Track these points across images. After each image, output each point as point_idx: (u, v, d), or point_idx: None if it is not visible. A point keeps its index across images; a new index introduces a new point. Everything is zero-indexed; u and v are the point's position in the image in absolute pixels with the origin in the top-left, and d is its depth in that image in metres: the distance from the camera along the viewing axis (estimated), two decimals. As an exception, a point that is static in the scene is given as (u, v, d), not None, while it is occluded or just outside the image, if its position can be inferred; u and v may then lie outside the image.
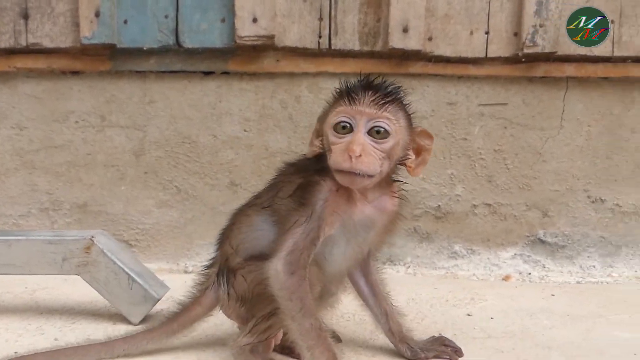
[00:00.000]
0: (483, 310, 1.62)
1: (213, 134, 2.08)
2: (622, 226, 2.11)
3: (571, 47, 1.99)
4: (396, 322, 1.27)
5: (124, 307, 1.46)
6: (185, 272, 2.07)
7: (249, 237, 1.20)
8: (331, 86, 2.07)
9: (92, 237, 1.46)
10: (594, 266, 2.11)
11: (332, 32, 2.01)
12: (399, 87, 1.15)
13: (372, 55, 2.02)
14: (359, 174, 1.06)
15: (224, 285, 1.21)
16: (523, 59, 2.00)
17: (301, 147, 2.07)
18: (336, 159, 1.07)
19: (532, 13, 1.95)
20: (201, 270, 1.31)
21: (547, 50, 1.96)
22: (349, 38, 2.02)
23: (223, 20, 1.99)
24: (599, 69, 2.03)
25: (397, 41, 1.96)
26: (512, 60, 2.02)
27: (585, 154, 2.09)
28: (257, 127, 2.08)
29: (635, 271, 2.10)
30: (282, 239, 1.10)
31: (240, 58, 2.03)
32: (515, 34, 2.00)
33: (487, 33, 2.01)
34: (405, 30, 1.95)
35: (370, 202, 1.15)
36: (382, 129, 1.08)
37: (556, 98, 2.07)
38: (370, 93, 1.11)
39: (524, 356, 1.29)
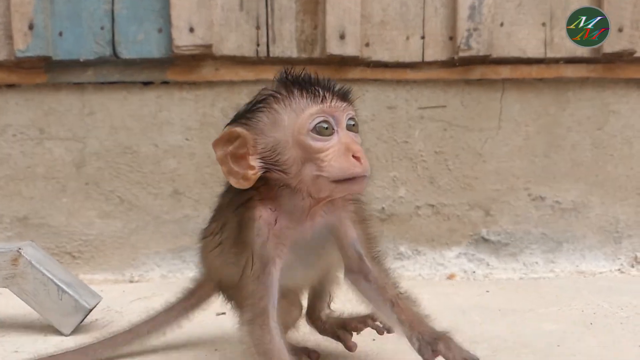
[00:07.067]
0: (418, 309, 1.63)
1: (154, 144, 2.07)
2: (562, 222, 2.15)
3: (505, 50, 2.04)
4: (407, 309, 1.04)
5: (55, 318, 1.44)
6: (131, 282, 2.06)
7: (214, 264, 1.15)
8: (271, 93, 2.09)
9: (20, 248, 1.44)
10: (536, 262, 2.15)
11: (269, 40, 2.02)
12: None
13: (310, 62, 2.03)
14: (367, 176, 0.91)
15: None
16: (457, 63, 2.04)
17: (243, 154, 2.07)
18: (342, 166, 0.90)
19: (466, 17, 1.99)
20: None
21: (481, 54, 2.00)
22: (287, 45, 2.03)
23: (160, 31, 2.00)
24: (533, 70, 2.07)
25: (334, 48, 1.98)
26: (449, 63, 2.06)
27: (524, 153, 2.13)
28: (199, 136, 2.08)
29: (577, 266, 2.14)
30: (240, 286, 0.99)
31: (179, 67, 2.03)
32: (451, 38, 2.03)
33: (422, 38, 2.04)
34: (342, 36, 1.98)
35: (323, 210, 1.01)
36: (355, 121, 0.95)
37: (493, 99, 2.11)
38: (330, 85, 0.95)
39: (451, 352, 1.30)
